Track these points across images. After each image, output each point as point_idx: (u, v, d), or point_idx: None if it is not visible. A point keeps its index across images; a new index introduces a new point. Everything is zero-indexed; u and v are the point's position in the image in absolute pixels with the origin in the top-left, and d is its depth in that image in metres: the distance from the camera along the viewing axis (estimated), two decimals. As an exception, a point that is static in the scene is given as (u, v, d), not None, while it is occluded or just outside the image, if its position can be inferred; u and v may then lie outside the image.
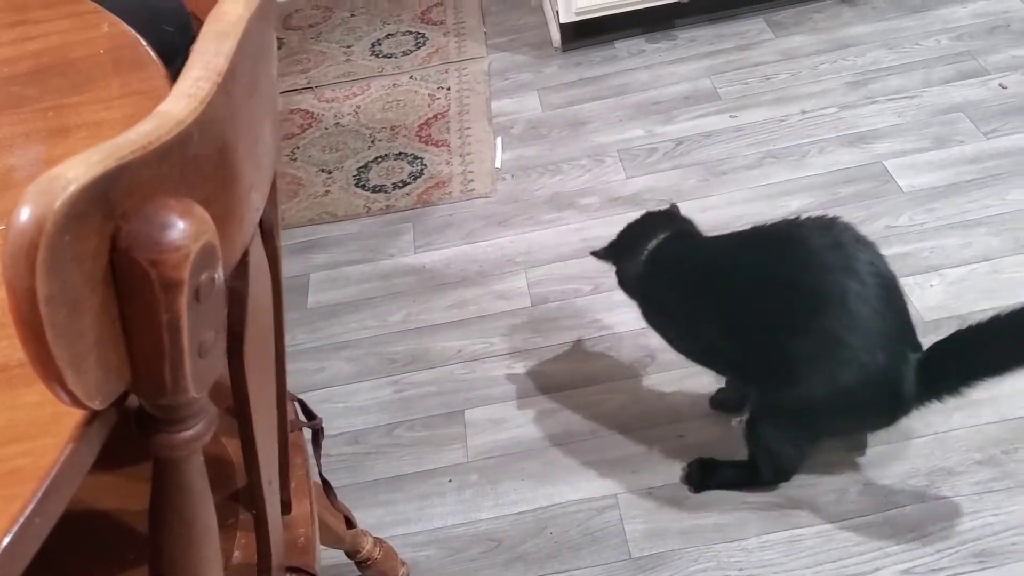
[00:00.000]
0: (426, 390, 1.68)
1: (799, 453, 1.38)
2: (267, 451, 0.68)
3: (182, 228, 0.40)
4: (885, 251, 1.75)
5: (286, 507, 0.84)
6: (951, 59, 2.24)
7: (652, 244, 1.44)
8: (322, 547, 1.24)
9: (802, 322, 1.23)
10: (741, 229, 1.43)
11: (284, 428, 0.78)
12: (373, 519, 1.49)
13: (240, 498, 0.85)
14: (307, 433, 1.04)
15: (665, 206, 1.53)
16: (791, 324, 1.24)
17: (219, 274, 0.44)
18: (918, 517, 1.35)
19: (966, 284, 1.68)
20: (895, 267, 1.71)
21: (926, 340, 1.57)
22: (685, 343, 1.45)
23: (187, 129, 0.43)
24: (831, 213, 1.33)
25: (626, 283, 1.50)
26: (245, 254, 0.55)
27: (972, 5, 2.40)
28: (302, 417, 0.98)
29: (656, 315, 1.47)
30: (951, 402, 1.46)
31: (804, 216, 1.33)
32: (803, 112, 2.17)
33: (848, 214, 1.85)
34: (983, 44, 2.26)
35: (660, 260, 1.43)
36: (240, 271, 0.55)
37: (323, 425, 1.02)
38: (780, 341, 1.26)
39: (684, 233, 1.45)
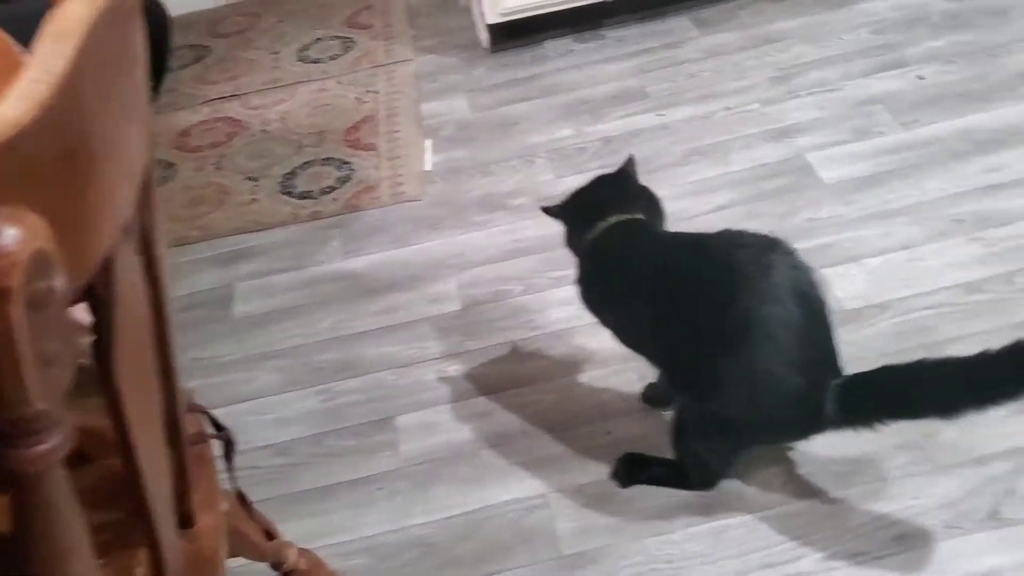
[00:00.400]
0: (355, 398, 1.67)
1: (723, 462, 1.39)
2: (155, 464, 0.66)
3: (10, 235, 0.39)
4: (807, 243, 1.79)
5: (188, 520, 0.82)
6: (871, 52, 2.27)
7: (601, 226, 1.44)
8: (247, 561, 1.22)
9: (727, 343, 1.24)
10: (687, 233, 1.44)
11: (180, 441, 0.76)
12: (302, 530, 1.47)
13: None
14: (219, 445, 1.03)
15: (620, 164, 1.53)
16: (716, 343, 1.26)
17: (59, 282, 0.43)
18: (840, 504, 1.36)
19: (885, 273, 1.71)
20: (817, 258, 1.74)
21: (849, 328, 1.60)
22: (619, 331, 1.46)
23: (21, 132, 0.41)
24: (777, 234, 1.33)
25: (572, 246, 1.51)
26: (110, 260, 0.53)
27: (891, -1, 2.45)
28: (210, 429, 0.96)
29: (594, 296, 1.47)
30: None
31: (748, 233, 1.33)
32: (727, 108, 2.19)
33: (771, 208, 1.89)
34: (902, 36, 2.31)
35: (605, 245, 1.43)
36: (105, 278, 0.53)
37: (233, 436, 1.00)
38: (704, 356, 1.28)
39: (633, 223, 1.44)
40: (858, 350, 1.57)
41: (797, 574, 1.29)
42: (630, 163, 1.54)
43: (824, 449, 1.41)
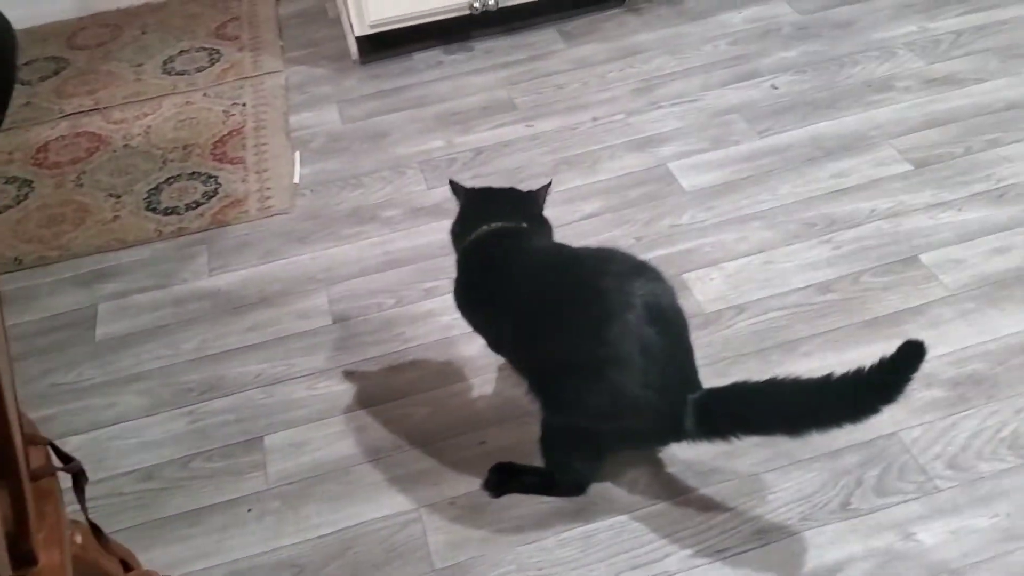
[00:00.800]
0: (223, 418, 1.64)
1: (589, 468, 1.43)
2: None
3: None
4: (670, 248, 1.85)
5: (30, 559, 0.79)
6: (728, 63, 2.36)
7: (483, 229, 1.46)
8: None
9: (585, 363, 1.28)
10: (561, 248, 1.47)
11: (18, 476, 0.74)
12: (170, 557, 1.43)
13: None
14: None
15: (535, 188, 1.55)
16: (575, 361, 1.29)
17: None
18: (703, 501, 1.41)
19: (743, 276, 1.78)
20: (679, 263, 1.81)
21: (708, 330, 1.66)
22: (486, 334, 1.49)
23: None
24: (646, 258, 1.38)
25: (455, 239, 1.53)
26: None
27: (746, 11, 2.55)
28: (57, 462, 0.93)
29: (466, 297, 1.49)
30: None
31: (620, 255, 1.38)
32: (594, 119, 2.24)
33: (637, 215, 1.94)
34: (756, 47, 2.41)
35: (483, 248, 1.46)
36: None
37: (82, 467, 0.97)
38: (563, 372, 1.31)
39: (513, 231, 1.46)
40: (718, 350, 1.64)
41: (664, 573, 1.33)
42: (544, 189, 1.55)
43: (688, 450, 1.46)
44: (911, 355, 1.16)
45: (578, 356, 1.28)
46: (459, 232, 1.52)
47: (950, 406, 1.50)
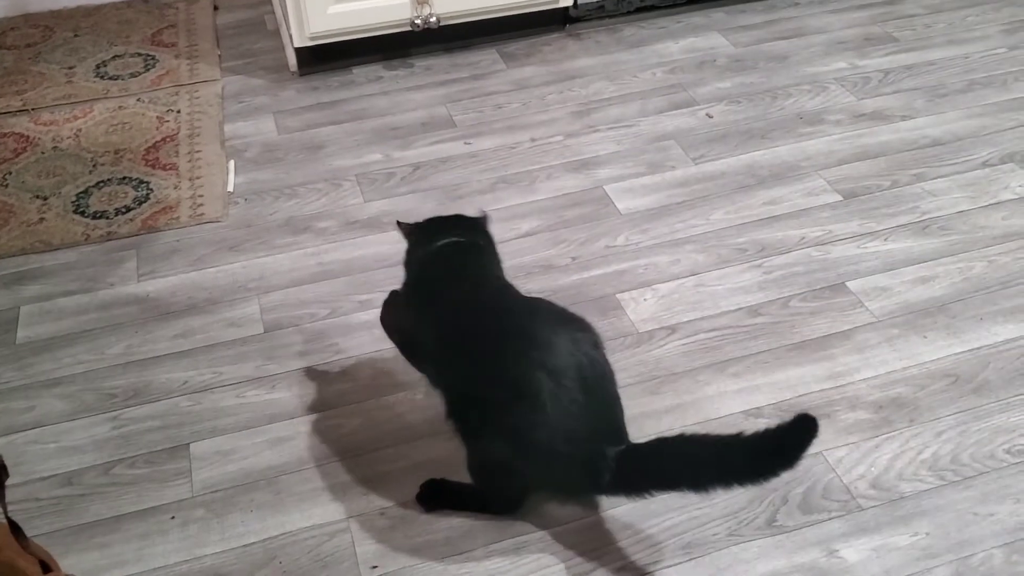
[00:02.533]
0: (148, 424, 1.59)
1: (516, 493, 1.42)
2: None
3: None
4: (605, 269, 1.87)
5: (-56, 552, 0.76)
6: (665, 91, 2.41)
7: (441, 240, 1.46)
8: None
9: (500, 404, 1.27)
10: (501, 284, 1.45)
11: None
12: (87, 564, 1.39)
13: None
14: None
15: (478, 215, 1.55)
16: (490, 400, 1.28)
17: None
18: (632, 516, 1.42)
19: (675, 297, 1.80)
20: (613, 283, 1.83)
21: (640, 349, 1.68)
22: (412, 340, 1.48)
23: None
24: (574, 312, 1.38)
25: (407, 264, 1.52)
26: None
27: (683, 41, 2.60)
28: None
29: (405, 297, 1.49)
30: (662, 406, 1.57)
31: (554, 309, 1.37)
32: (532, 140, 2.26)
33: (573, 235, 1.96)
34: (693, 77, 2.46)
35: (432, 263, 1.45)
36: None
37: (4, 462, 0.94)
38: (480, 410, 1.30)
39: (467, 246, 1.46)
40: (650, 369, 1.66)
41: (592, 586, 1.33)
42: (484, 220, 1.55)
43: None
44: (805, 429, 1.18)
45: (495, 396, 1.27)
46: (413, 252, 1.50)
47: (874, 428, 1.54)
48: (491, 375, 1.28)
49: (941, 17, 2.67)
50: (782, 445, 1.20)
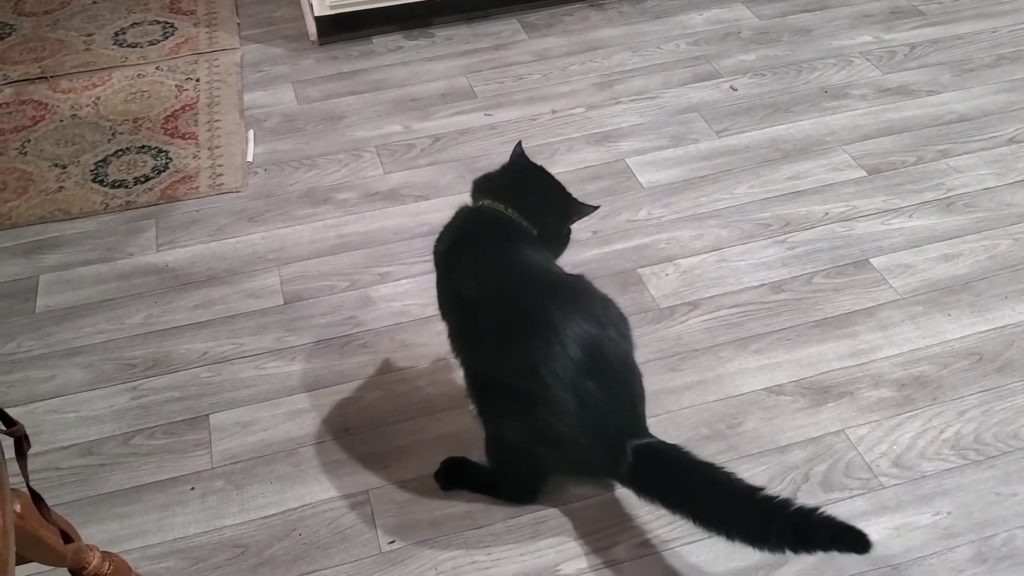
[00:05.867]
0: (168, 395, 1.60)
1: (532, 483, 1.40)
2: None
3: None
4: (626, 243, 1.86)
5: (-31, 522, 0.76)
6: (688, 63, 2.38)
7: (486, 202, 1.39)
8: (45, 568, 1.15)
9: (520, 391, 1.23)
10: (536, 264, 1.34)
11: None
12: (108, 534, 1.40)
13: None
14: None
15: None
16: (506, 384, 1.25)
17: None
18: (653, 493, 1.41)
19: (697, 273, 1.79)
20: (634, 258, 1.81)
21: (662, 324, 1.67)
22: (448, 321, 1.40)
23: None
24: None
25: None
26: None
27: (707, 12, 2.57)
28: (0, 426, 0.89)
29: (439, 251, 1.41)
30: (683, 382, 1.56)
31: (588, 289, 1.31)
32: (553, 112, 2.24)
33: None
34: (717, 49, 2.42)
35: (472, 219, 1.39)
36: None
37: (26, 432, 0.94)
38: (499, 392, 1.27)
39: (507, 223, 1.37)
40: (671, 345, 1.65)
41: (611, 561, 1.33)
42: (589, 208, 1.43)
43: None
44: (853, 542, 1.12)
45: (515, 382, 1.24)
46: (482, 183, 1.44)
47: (897, 406, 1.53)
48: (514, 361, 1.24)
49: (970, -11, 2.62)
50: (812, 531, 1.14)
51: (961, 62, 2.33)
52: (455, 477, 1.44)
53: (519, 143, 1.51)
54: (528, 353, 1.23)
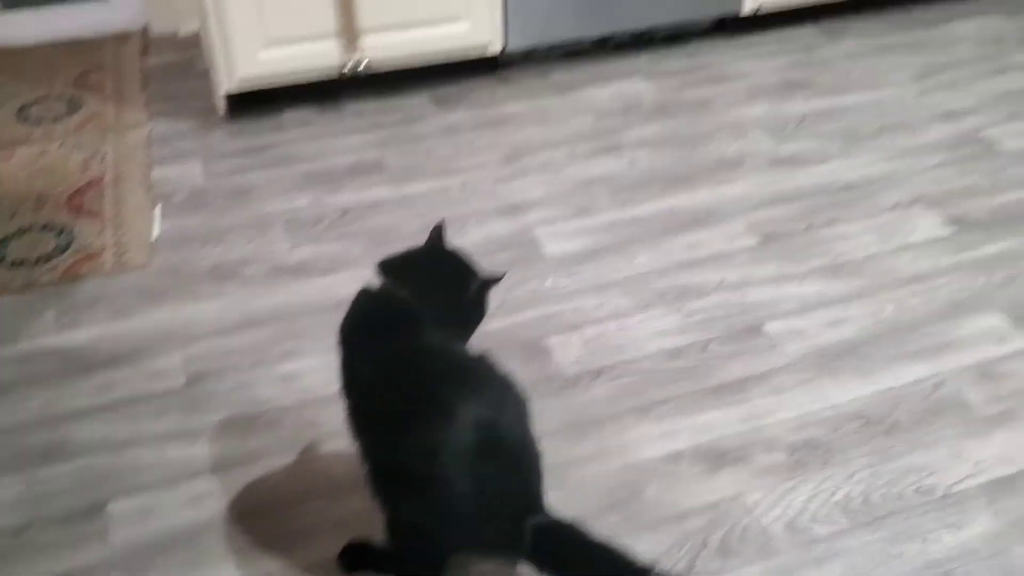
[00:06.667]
0: (64, 484, 1.57)
1: (435, 560, 1.38)
2: None
3: None
4: (532, 312, 1.89)
5: None
6: (592, 136, 2.45)
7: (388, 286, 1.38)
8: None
9: (414, 473, 1.24)
10: (431, 343, 1.34)
11: None
12: (-2, 630, 1.36)
13: None
14: None
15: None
16: (408, 470, 1.25)
17: None
18: (555, 566, 1.43)
19: (600, 341, 1.83)
20: (541, 327, 1.85)
21: (567, 393, 1.70)
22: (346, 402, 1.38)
23: None
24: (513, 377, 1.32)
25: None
26: None
27: (610, 87, 2.66)
28: None
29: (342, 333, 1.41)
30: (586, 452, 1.59)
31: (486, 367, 1.31)
32: (463, 184, 2.28)
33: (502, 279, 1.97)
34: (619, 122, 2.51)
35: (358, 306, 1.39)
36: None
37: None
38: (396, 478, 1.27)
39: (406, 308, 1.37)
40: (576, 415, 1.68)
41: (513, 638, 1.34)
42: (495, 280, 1.44)
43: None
44: None
45: (411, 465, 1.24)
46: (384, 265, 1.42)
47: (789, 470, 1.58)
48: (410, 444, 1.24)
49: (858, 63, 2.76)
50: None
51: (847, 131, 2.45)
52: (358, 559, 1.44)
53: (440, 222, 1.51)
54: (424, 437, 1.24)
